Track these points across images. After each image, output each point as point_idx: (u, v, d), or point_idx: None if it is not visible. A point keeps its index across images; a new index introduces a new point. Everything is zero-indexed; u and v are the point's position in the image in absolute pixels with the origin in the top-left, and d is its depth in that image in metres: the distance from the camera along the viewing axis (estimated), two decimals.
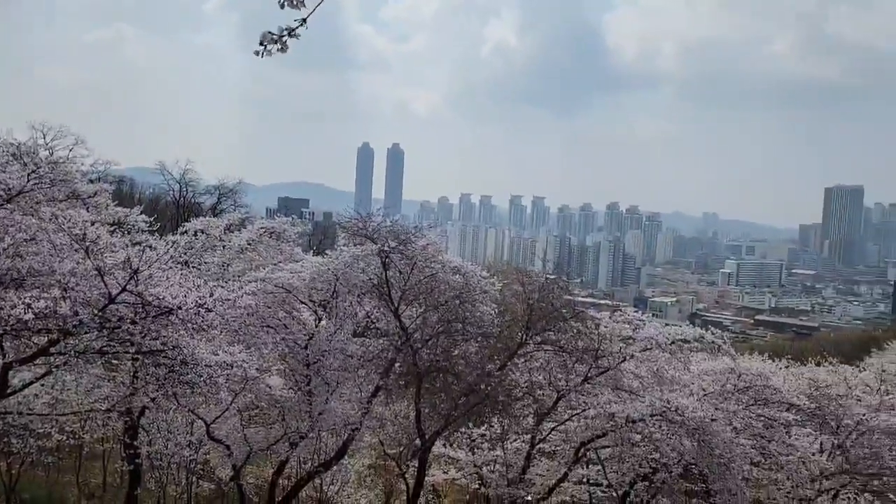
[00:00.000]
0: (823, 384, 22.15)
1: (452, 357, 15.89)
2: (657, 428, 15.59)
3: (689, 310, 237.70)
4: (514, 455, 17.70)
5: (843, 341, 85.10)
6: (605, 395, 16.35)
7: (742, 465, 16.30)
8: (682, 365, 17.80)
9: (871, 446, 20.91)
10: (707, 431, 15.52)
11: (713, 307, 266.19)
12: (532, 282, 18.31)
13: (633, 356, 16.90)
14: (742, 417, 18.02)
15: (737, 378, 18.58)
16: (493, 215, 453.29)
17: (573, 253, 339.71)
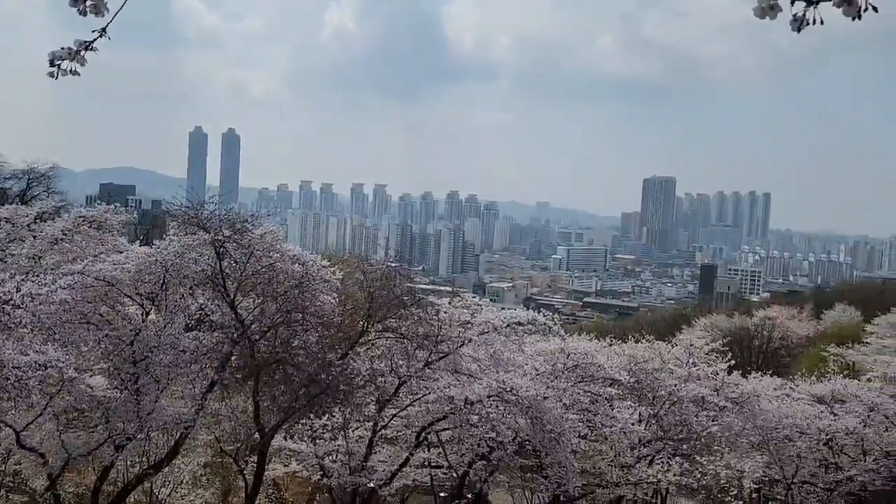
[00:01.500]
0: (641, 360, 24.15)
1: (292, 348, 15.57)
2: (494, 408, 16.22)
3: (524, 294, 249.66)
4: (356, 443, 17.71)
5: (658, 320, 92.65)
6: (444, 380, 16.77)
7: (571, 438, 17.37)
8: (517, 347, 18.65)
9: (681, 414, 23.11)
10: (539, 409, 16.39)
11: (546, 291, 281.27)
12: (373, 270, 18.35)
13: (471, 340, 17.46)
14: (571, 394, 19.24)
15: (566, 357, 19.80)
16: (335, 203, 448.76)
17: (415, 241, 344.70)
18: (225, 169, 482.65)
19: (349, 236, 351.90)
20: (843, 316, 60.46)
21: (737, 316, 69.68)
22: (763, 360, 57.57)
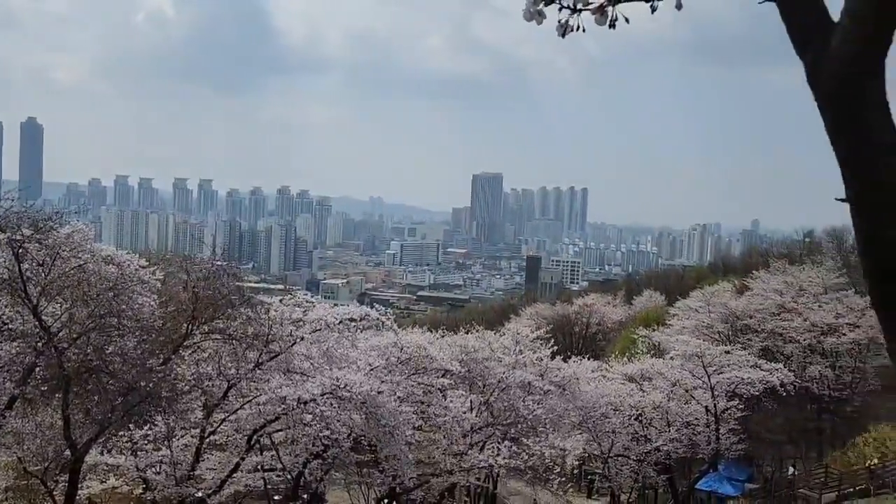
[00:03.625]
0: (472, 350, 24.99)
1: (107, 355, 14.43)
2: (328, 406, 16.07)
3: (358, 290, 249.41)
4: (181, 452, 16.78)
5: (488, 311, 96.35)
6: (276, 380, 16.35)
7: (405, 430, 17.62)
8: (351, 343, 18.59)
9: (509, 400, 24.23)
10: (374, 404, 16.47)
11: (381, 286, 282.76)
12: (198, 269, 17.48)
13: (303, 338, 17.17)
14: (405, 387, 19.51)
15: (400, 351, 20.05)
16: (156, 199, 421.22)
17: (244, 238, 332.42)
18: (25, 162, 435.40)
19: (172, 234, 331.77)
20: (650, 301, 66.01)
21: (559, 304, 74.10)
22: (583, 344, 61.72)
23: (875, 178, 2.43)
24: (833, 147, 2.45)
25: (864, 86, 2.32)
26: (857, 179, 2.46)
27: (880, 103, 2.37)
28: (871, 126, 2.36)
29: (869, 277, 2.64)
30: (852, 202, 2.49)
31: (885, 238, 2.50)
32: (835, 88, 2.33)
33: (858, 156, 2.42)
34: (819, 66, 2.32)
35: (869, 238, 2.53)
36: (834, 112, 2.38)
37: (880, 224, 2.49)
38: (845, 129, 2.39)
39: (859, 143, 2.39)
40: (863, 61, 2.28)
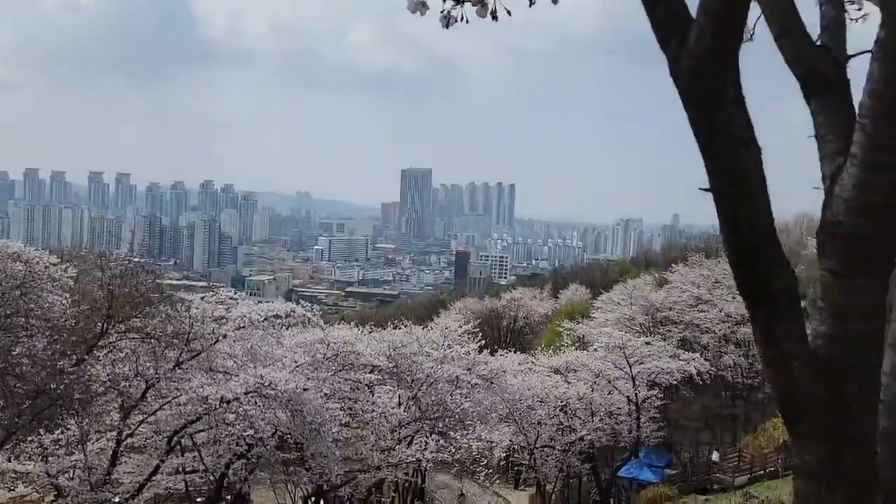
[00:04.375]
0: (400, 345, 24.99)
1: (14, 357, 13.75)
2: (252, 405, 15.77)
3: (286, 286, 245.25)
4: (96, 456, 16.15)
5: (418, 306, 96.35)
6: (198, 379, 15.94)
7: (332, 427, 17.48)
8: (276, 340, 18.30)
9: (437, 394, 24.36)
10: (300, 401, 16.26)
11: (309, 282, 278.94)
12: (114, 267, 16.85)
13: (226, 336, 16.78)
14: (332, 383, 19.36)
15: (326, 347, 19.86)
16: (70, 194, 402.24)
17: (165, 234, 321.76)
18: None
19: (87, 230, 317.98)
20: (576, 295, 67.37)
21: (487, 299, 74.81)
22: (510, 338, 62.50)
23: (732, 170, 2.54)
24: (695, 139, 2.55)
25: (719, 81, 2.41)
26: (716, 170, 2.57)
27: (735, 98, 2.46)
28: (727, 120, 2.46)
29: (731, 265, 2.78)
30: (714, 192, 2.61)
31: (741, 227, 2.63)
32: (692, 83, 2.41)
33: (716, 148, 2.52)
34: (678, 61, 2.40)
35: (728, 226, 2.66)
36: (693, 106, 2.47)
37: (737, 213, 2.62)
38: (703, 123, 2.48)
39: (717, 136, 2.49)
40: (717, 57, 2.36)
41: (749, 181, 2.58)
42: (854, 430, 2.95)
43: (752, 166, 2.56)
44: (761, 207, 2.64)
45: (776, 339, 2.84)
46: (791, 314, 2.82)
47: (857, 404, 2.92)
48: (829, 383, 2.90)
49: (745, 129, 2.50)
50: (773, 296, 2.78)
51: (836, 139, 2.99)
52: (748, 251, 2.72)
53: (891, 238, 2.80)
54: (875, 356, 2.97)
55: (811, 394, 2.90)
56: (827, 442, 2.94)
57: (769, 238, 2.71)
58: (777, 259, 2.74)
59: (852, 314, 2.88)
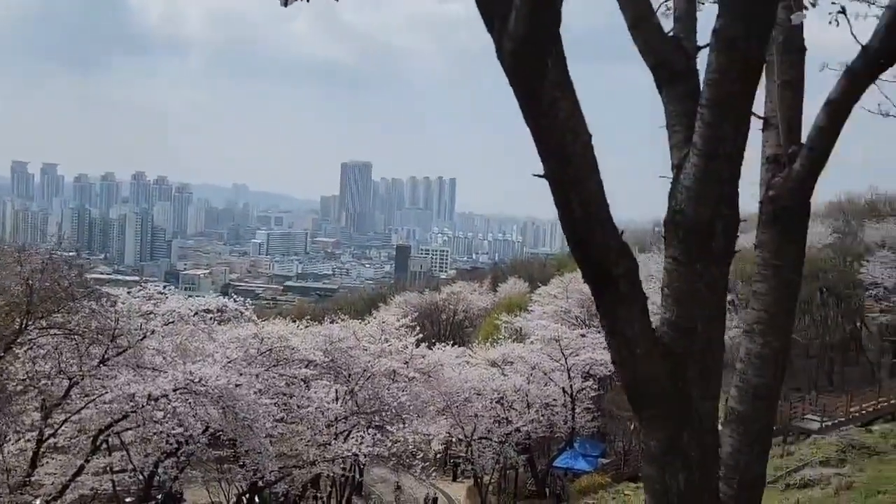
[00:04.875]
0: (337, 339, 24.78)
1: None
2: (181, 402, 15.38)
3: (222, 281, 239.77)
4: (15, 458, 15.47)
5: (357, 300, 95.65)
6: (124, 376, 15.44)
7: (265, 423, 17.21)
8: (207, 335, 17.89)
9: (374, 388, 24.28)
10: (231, 397, 15.95)
11: (246, 277, 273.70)
12: (34, 261, 16.13)
13: (154, 332, 16.31)
14: (265, 379, 19.05)
15: (260, 342, 19.53)
16: None
17: (95, 227, 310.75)
18: None
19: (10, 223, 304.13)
20: (514, 288, 68.16)
21: (427, 292, 74.93)
22: (450, 331, 62.80)
23: (561, 155, 2.57)
24: (525, 123, 2.55)
25: (540, 64, 2.42)
26: (546, 155, 2.59)
27: (560, 83, 2.47)
28: (552, 104, 2.47)
29: (571, 250, 2.82)
30: (547, 177, 2.62)
31: (574, 212, 2.65)
32: (514, 65, 2.41)
33: (544, 132, 2.53)
34: (500, 44, 2.40)
35: (562, 212, 2.68)
36: (518, 89, 2.47)
37: (569, 199, 2.64)
38: (529, 106, 2.49)
39: (543, 120, 2.51)
40: (535, 39, 2.37)
41: (578, 167, 2.58)
42: (693, 416, 3.00)
43: (579, 152, 2.55)
44: (593, 193, 2.64)
45: (619, 325, 2.87)
46: (632, 300, 2.85)
47: (697, 389, 2.98)
48: (671, 369, 2.95)
49: (572, 115, 2.50)
50: (614, 282, 2.80)
51: (683, 129, 3.03)
52: (584, 237, 2.73)
53: (729, 226, 2.87)
54: (715, 342, 3.02)
55: (654, 379, 2.94)
56: (668, 426, 2.99)
57: (604, 224, 2.71)
58: (615, 246, 2.75)
59: (693, 301, 2.94)
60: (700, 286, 2.92)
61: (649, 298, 2.99)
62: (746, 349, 3.45)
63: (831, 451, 20.79)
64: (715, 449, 3.11)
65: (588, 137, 2.57)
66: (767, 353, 3.38)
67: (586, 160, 2.60)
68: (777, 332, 3.39)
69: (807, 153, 3.08)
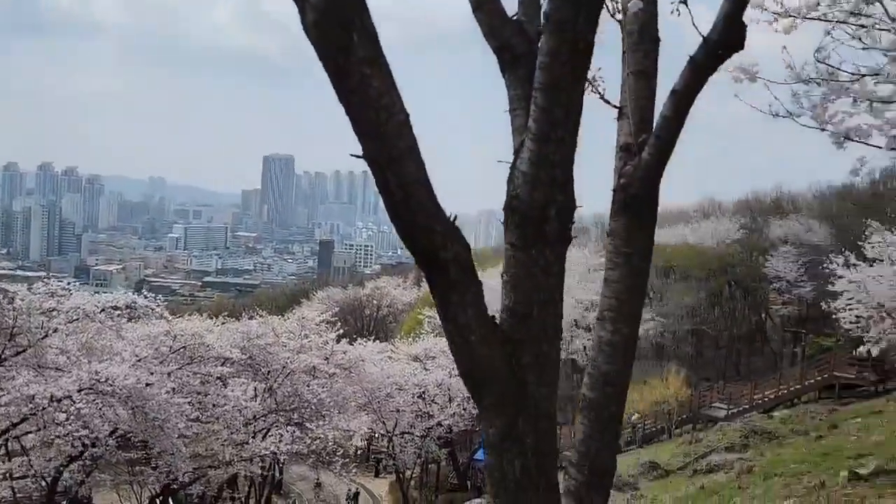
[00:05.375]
0: (255, 335, 24.27)
1: None
2: (86, 403, 14.70)
3: (136, 276, 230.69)
4: None
5: (279, 296, 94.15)
6: (23, 377, 14.63)
7: (178, 423, 16.66)
8: (115, 333, 17.17)
9: (293, 385, 23.91)
10: (141, 397, 15.36)
11: (162, 272, 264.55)
12: None
13: (56, 330, 15.52)
14: (178, 377, 18.45)
15: (172, 340, 18.89)
16: None
17: None
18: None
19: None
20: None
21: (351, 288, 74.42)
22: (373, 326, 62.58)
23: (375, 134, 2.49)
24: (338, 100, 2.46)
25: (344, 36, 2.33)
26: (361, 134, 2.51)
27: (369, 59, 2.38)
28: (362, 80, 2.39)
29: (398, 234, 2.76)
30: (364, 157, 2.56)
31: (394, 194, 2.59)
32: (318, 37, 2.35)
33: (355, 110, 2.46)
34: (304, 15, 2.33)
35: (383, 194, 2.61)
36: (324, 63, 2.39)
37: (387, 180, 2.58)
38: (338, 82, 2.42)
39: (354, 98, 2.43)
40: (337, 11, 2.31)
41: (394, 146, 2.51)
42: (529, 401, 2.98)
43: (394, 131, 2.48)
44: (412, 174, 2.57)
45: (452, 312, 2.81)
46: (464, 285, 2.79)
47: (533, 375, 2.96)
48: (507, 355, 2.93)
49: (385, 93, 2.42)
50: (443, 267, 2.74)
51: (523, 113, 3.00)
52: (406, 220, 2.67)
53: (564, 211, 2.88)
54: (551, 328, 3.01)
55: (490, 367, 2.90)
56: (505, 414, 2.97)
57: (426, 206, 2.64)
58: (441, 229, 2.69)
59: (529, 286, 2.94)
60: (536, 271, 2.91)
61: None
62: (598, 336, 3.48)
63: (736, 437, 21.78)
64: (550, 435, 3.09)
65: (404, 116, 2.49)
66: (617, 340, 3.41)
67: (403, 140, 2.51)
68: (627, 320, 3.42)
69: (654, 142, 3.12)
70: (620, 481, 20.43)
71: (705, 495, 13.87)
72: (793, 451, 16.59)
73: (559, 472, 3.21)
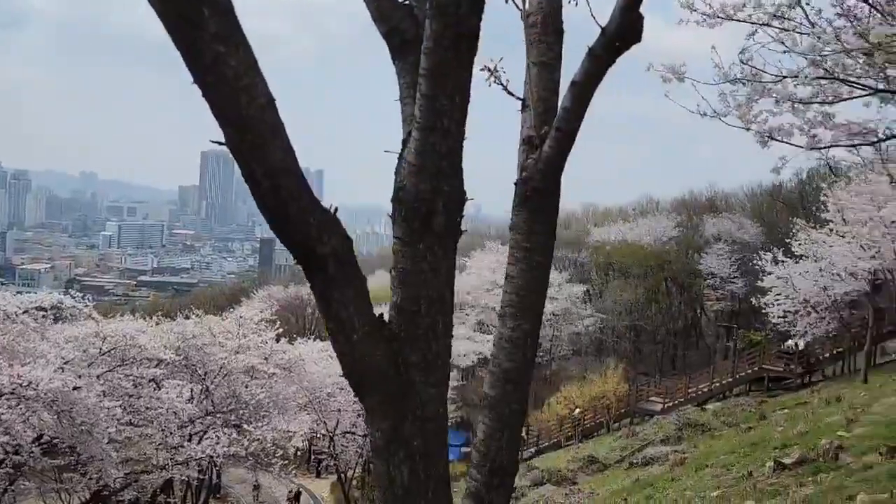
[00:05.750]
0: (191, 336, 23.63)
1: None
2: (7, 408, 14.04)
3: (67, 276, 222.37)
4: None
5: (218, 295, 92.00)
6: None
7: (108, 428, 16.08)
8: (39, 335, 16.45)
9: (230, 386, 23.39)
10: (67, 401, 14.75)
11: (94, 271, 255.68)
12: None
13: None
14: (109, 380, 17.82)
15: (102, 342, 18.22)
16: None
17: None
18: None
19: None
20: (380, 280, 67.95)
21: (293, 286, 73.32)
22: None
23: (235, 118, 2.35)
24: (195, 82, 2.32)
25: (192, 10, 2.18)
26: (220, 119, 2.37)
27: (223, 36, 2.23)
28: (216, 59, 2.24)
29: (271, 228, 2.62)
30: (227, 144, 2.42)
31: (261, 184, 2.45)
32: (164, 11, 2.19)
33: (211, 92, 2.32)
34: None
35: (249, 183, 2.48)
36: (172, 37, 2.25)
37: (252, 169, 2.44)
38: (190, 61, 2.27)
39: (209, 78, 2.29)
40: None
41: (257, 133, 2.36)
42: (416, 402, 2.88)
43: (256, 116, 2.33)
44: (278, 161, 2.42)
45: (334, 309, 2.72)
46: (345, 281, 2.68)
47: (420, 375, 2.87)
48: (393, 354, 2.83)
49: (244, 74, 2.27)
50: (321, 262, 2.62)
51: (412, 102, 2.90)
52: (276, 212, 2.53)
53: (452, 204, 2.80)
54: (440, 325, 2.91)
55: (375, 366, 2.80)
56: (391, 416, 2.86)
57: (297, 197, 2.50)
58: (316, 221, 2.56)
59: (416, 282, 2.85)
60: (424, 266, 2.83)
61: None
62: (499, 333, 3.40)
63: (671, 430, 22.34)
64: (439, 437, 2.99)
65: (266, 100, 2.35)
66: (518, 337, 3.34)
67: (266, 125, 2.36)
68: (527, 316, 3.34)
69: (554, 134, 3.06)
70: (560, 476, 20.74)
71: (640, 488, 14.15)
72: (723, 443, 17.10)
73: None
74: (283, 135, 2.42)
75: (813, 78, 5.32)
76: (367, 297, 2.77)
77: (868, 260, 24.84)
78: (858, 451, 10.01)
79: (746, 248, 47.24)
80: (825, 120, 5.84)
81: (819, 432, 13.04)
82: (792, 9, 5.43)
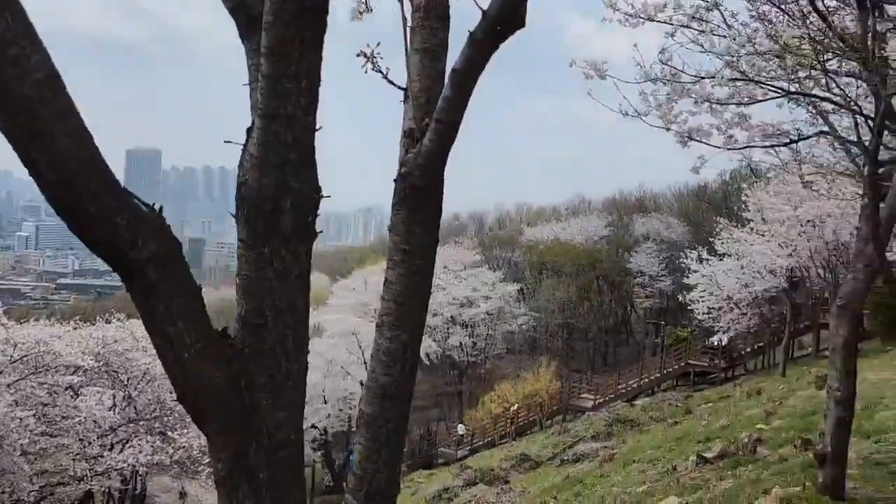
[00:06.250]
0: (111, 341, 22.70)
1: None
2: None
3: None
4: None
5: None
6: None
7: (20, 439, 15.27)
8: None
9: (154, 392, 22.55)
10: None
11: (10, 274, 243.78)
12: None
13: None
14: (20, 389, 16.93)
15: (13, 348, 17.30)
16: None
17: None
18: None
19: None
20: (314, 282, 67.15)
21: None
22: None
23: (10, 101, 2.02)
24: None
25: None
26: None
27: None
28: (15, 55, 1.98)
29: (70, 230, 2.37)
30: (2, 132, 2.11)
31: (48, 179, 2.16)
32: None
33: None
34: None
35: (35, 178, 2.18)
36: None
37: (35, 160, 2.12)
38: None
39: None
40: None
41: (35, 115, 2.03)
42: (262, 428, 2.54)
43: (33, 94, 2.01)
44: (65, 149, 2.08)
45: (158, 323, 2.40)
46: (171, 291, 2.35)
47: (267, 397, 2.54)
48: (233, 373, 2.49)
49: (12, 42, 1.96)
50: (139, 269, 2.30)
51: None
52: (71, 210, 2.21)
53: (301, 202, 2.54)
54: (291, 340, 2.60)
55: (211, 388, 2.46)
56: (231, 445, 2.52)
57: (98, 193, 2.17)
58: (125, 221, 2.23)
59: (262, 291, 2.53)
60: (269, 273, 2.50)
61: None
62: (376, 344, 3.09)
63: (601, 427, 22.73)
64: (292, 466, 2.66)
65: (44, 75, 2.02)
66: (396, 348, 3.02)
67: (46, 106, 2.03)
68: (406, 325, 3.03)
69: (435, 126, 2.80)
70: (492, 475, 20.81)
71: (570, 485, 14.30)
72: (651, 438, 17.48)
73: None
74: (73, 118, 2.09)
75: (729, 79, 5.41)
76: (201, 308, 2.43)
77: (786, 258, 25.88)
78: (776, 444, 10.34)
79: (674, 247, 48.68)
80: (741, 121, 5.99)
81: (740, 425, 13.45)
82: (709, 11, 5.51)
